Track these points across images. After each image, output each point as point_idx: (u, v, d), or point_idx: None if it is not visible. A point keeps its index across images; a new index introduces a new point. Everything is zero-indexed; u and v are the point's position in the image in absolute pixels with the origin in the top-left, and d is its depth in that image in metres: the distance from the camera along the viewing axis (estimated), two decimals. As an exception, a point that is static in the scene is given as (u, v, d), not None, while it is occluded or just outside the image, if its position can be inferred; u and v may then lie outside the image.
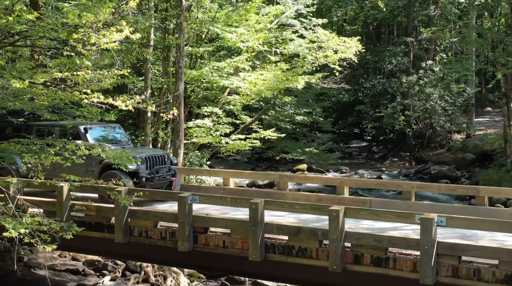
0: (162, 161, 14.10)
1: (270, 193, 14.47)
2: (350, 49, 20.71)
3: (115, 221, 11.71)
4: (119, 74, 9.28)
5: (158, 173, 13.69)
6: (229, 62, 19.37)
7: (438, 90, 32.15)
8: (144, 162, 13.50)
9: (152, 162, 13.77)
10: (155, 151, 14.71)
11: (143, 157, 13.45)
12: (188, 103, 21.44)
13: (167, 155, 14.44)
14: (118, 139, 14.82)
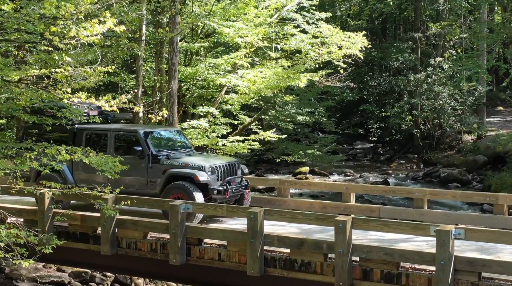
0: (234, 170, 12.62)
1: (270, 200, 14.11)
2: (355, 45, 20.33)
3: (101, 231, 11.31)
4: (103, 71, 8.67)
5: (230, 185, 12.26)
6: (226, 59, 18.97)
7: (447, 88, 31.84)
8: (215, 172, 12.09)
9: (224, 171, 12.32)
10: (225, 159, 13.22)
11: (213, 166, 12.12)
12: (183, 102, 21.11)
13: (238, 163, 12.95)
14: (180, 144, 13.52)
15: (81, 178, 12.91)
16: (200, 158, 12.63)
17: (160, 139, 13.25)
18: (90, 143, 12.82)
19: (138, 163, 12.24)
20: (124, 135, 13.08)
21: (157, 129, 13.65)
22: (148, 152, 12.32)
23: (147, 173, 12.21)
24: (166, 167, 12.10)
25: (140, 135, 12.52)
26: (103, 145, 12.89)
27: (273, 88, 19.71)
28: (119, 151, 12.59)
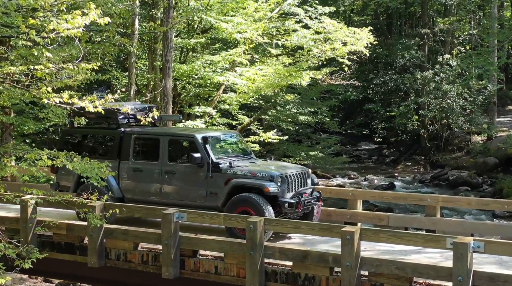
0: (305, 180, 11.42)
1: None
2: (360, 41, 19.82)
3: (88, 241, 10.93)
4: (89, 68, 8.15)
5: (302, 197, 11.04)
6: (224, 56, 18.57)
7: (456, 87, 31.59)
8: (285, 182, 10.86)
9: (295, 181, 11.11)
10: (295, 167, 11.95)
11: (284, 176, 10.89)
12: (178, 101, 20.83)
13: (308, 171, 11.72)
14: (240, 150, 12.43)
15: (129, 188, 11.94)
16: (267, 166, 11.47)
17: (219, 145, 12.19)
18: (139, 149, 12.04)
19: (196, 172, 11.20)
20: (179, 141, 12.12)
21: (216, 133, 12.55)
22: (207, 160, 11.14)
23: (207, 183, 11.10)
24: (228, 177, 10.94)
25: (198, 140, 11.34)
26: (154, 152, 11.90)
27: (274, 87, 19.32)
28: (173, 159, 11.70)
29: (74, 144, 12.89)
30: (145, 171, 11.75)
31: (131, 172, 11.86)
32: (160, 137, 11.82)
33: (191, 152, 11.30)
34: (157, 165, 11.67)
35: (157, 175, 11.61)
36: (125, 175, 11.97)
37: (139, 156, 12.02)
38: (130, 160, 11.94)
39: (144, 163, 11.88)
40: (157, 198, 11.55)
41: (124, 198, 11.93)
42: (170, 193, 11.44)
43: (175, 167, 11.51)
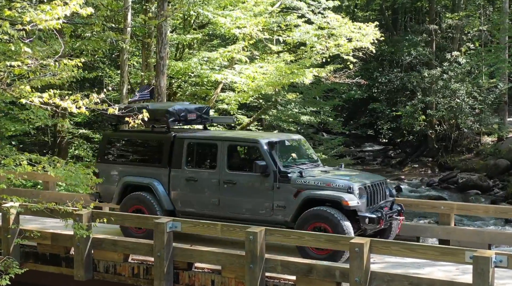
0: (383, 191, 10.51)
1: None
2: (366, 37, 19.24)
3: (75, 252, 10.55)
4: (72, 65, 7.63)
5: (383, 211, 10.15)
6: (222, 52, 18.05)
7: (465, 85, 31.31)
8: (365, 194, 9.96)
9: (374, 193, 10.21)
10: (371, 176, 10.95)
11: (363, 187, 10.00)
12: (174, 101, 20.02)
13: (386, 181, 10.81)
14: (307, 157, 11.50)
15: (182, 200, 11.09)
16: (341, 175, 10.59)
17: (286, 151, 11.14)
18: (193, 156, 11.16)
19: (260, 182, 10.33)
20: (240, 146, 11.32)
21: (281, 137, 11.56)
22: (274, 168, 10.24)
23: (273, 195, 10.21)
24: (299, 188, 10.07)
25: (262, 146, 10.42)
26: (211, 159, 11.14)
27: (275, 85, 18.85)
28: (233, 167, 10.76)
29: (117, 151, 12.09)
30: (200, 180, 10.89)
31: (184, 181, 11.00)
32: (218, 142, 10.90)
33: (255, 160, 10.33)
34: (214, 174, 10.79)
35: (214, 185, 10.74)
36: (176, 185, 11.10)
37: (193, 163, 11.13)
38: (182, 168, 11.07)
39: (199, 172, 10.99)
40: (214, 211, 10.71)
41: (175, 210, 11.09)
42: (230, 206, 10.57)
43: (236, 176, 10.60)
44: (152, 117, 10.91)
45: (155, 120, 11.26)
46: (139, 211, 11.09)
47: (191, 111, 11.88)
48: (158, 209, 11.04)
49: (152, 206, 11.08)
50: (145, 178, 11.30)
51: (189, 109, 11.87)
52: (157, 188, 11.10)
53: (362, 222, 9.77)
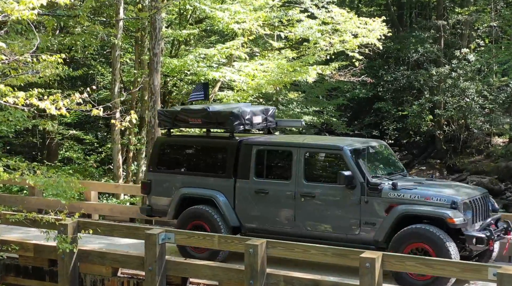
0: (487, 206, 9.66)
1: None
2: (373, 33, 18.99)
3: (59, 265, 10.07)
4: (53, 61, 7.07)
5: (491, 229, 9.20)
6: (220, 49, 17.60)
7: (475, 84, 30.81)
8: (469, 210, 9.07)
9: (479, 208, 9.32)
10: (471, 188, 10.15)
11: (467, 201, 9.12)
12: (169, 100, 20.04)
13: (488, 194, 9.92)
14: (393, 166, 10.64)
15: (250, 215, 10.22)
16: (439, 187, 9.68)
17: (371, 159, 10.08)
18: (264, 165, 10.26)
19: (345, 195, 9.48)
20: (320, 154, 10.27)
21: (365, 143, 10.46)
22: (361, 179, 9.37)
23: (360, 210, 9.34)
24: (391, 202, 9.14)
25: (347, 153, 9.55)
26: (285, 168, 10.24)
27: (276, 84, 18.51)
28: (312, 177, 9.91)
29: (172, 159, 11.30)
30: (272, 193, 10.01)
31: (252, 194, 10.15)
32: (293, 149, 9.97)
33: (339, 169, 9.48)
34: (289, 186, 9.90)
35: (289, 198, 9.85)
36: (243, 198, 10.24)
37: (263, 173, 10.25)
38: (251, 178, 10.20)
39: (270, 183, 10.12)
40: (288, 228, 9.84)
41: (241, 227, 10.27)
42: (307, 222, 9.72)
43: (315, 188, 9.73)
44: (214, 120, 10.40)
45: (217, 124, 10.51)
46: (199, 228, 10.26)
47: (256, 113, 10.93)
48: (222, 225, 10.19)
49: (214, 222, 10.20)
50: (206, 189, 10.46)
51: (255, 111, 10.91)
52: (221, 202, 10.26)
53: (468, 242, 8.82)
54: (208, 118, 10.50)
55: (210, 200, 10.38)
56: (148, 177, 11.11)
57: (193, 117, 10.67)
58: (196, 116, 10.63)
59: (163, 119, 10.96)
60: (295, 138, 11.17)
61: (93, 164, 18.49)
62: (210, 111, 10.44)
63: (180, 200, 10.62)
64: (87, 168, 18.52)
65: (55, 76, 9.11)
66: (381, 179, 9.61)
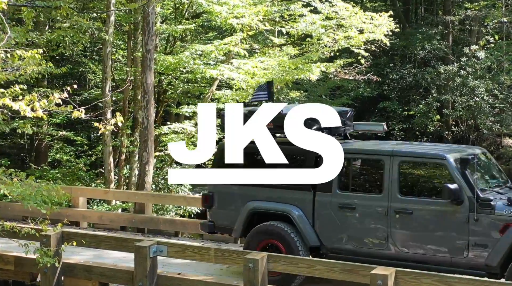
0: None
1: None
2: (379, 28, 18.62)
3: (42, 280, 9.60)
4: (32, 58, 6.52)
5: None
6: (217, 45, 17.12)
7: (485, 82, 30.34)
8: None
9: None
10: None
11: None
12: (164, 99, 19.51)
13: None
14: (497, 177, 9.68)
15: (332, 234, 9.31)
16: None
17: (478, 170, 9.05)
18: (348, 176, 9.46)
19: (450, 212, 8.60)
20: (418, 163, 9.30)
21: (468, 150, 9.51)
22: (469, 194, 8.49)
23: (469, 229, 8.41)
24: (508, 221, 8.25)
25: (451, 163, 8.68)
26: (375, 180, 9.45)
27: (277, 82, 18.03)
28: (409, 191, 9.05)
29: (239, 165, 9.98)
30: (359, 208, 9.11)
31: (335, 209, 9.26)
32: (385, 158, 9.07)
33: (442, 181, 8.68)
34: (380, 200, 9.00)
35: (380, 215, 8.95)
36: (325, 214, 9.36)
37: (348, 185, 9.44)
38: (333, 191, 9.31)
39: (357, 197, 9.23)
40: (380, 249, 8.94)
41: (322, 247, 9.37)
42: (403, 243, 8.80)
43: (412, 203, 8.82)
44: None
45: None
46: (273, 248, 9.36)
47: (342, 113, 10.06)
48: (300, 245, 9.27)
49: (291, 241, 9.27)
50: (279, 203, 9.57)
51: (340, 113, 9.90)
52: (298, 218, 9.34)
53: None
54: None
55: (285, 216, 9.47)
56: (210, 189, 10.26)
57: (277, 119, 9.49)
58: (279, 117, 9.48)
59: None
60: (384, 144, 10.12)
61: (82, 168, 17.96)
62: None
63: (248, 216, 9.75)
64: (76, 171, 18.00)
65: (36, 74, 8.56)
66: (491, 193, 8.77)
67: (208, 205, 10.29)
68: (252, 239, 9.53)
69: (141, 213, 13.45)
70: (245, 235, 9.78)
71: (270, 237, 9.43)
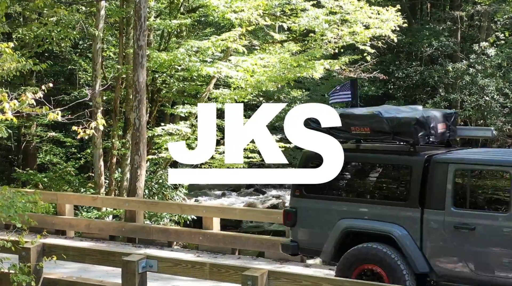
0: None
1: (276, 243, 11.54)
2: (386, 23, 18.15)
3: None
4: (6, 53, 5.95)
5: None
6: (215, 41, 16.69)
7: (495, 80, 29.94)
8: None
9: None
10: None
11: None
12: (158, 99, 19.12)
13: None
14: None
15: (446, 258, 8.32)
16: None
17: None
18: (466, 190, 8.39)
19: None
20: None
21: None
22: None
23: None
24: None
25: None
26: (500, 196, 8.48)
27: (278, 81, 17.73)
28: None
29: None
30: (481, 229, 8.08)
31: (449, 230, 8.21)
32: (510, 169, 8.11)
33: None
34: (507, 220, 8.00)
35: (508, 237, 7.94)
36: (436, 236, 8.32)
37: (466, 202, 8.36)
38: (447, 209, 8.27)
39: (478, 216, 8.15)
40: (508, 277, 7.89)
41: (431, 273, 8.34)
42: None
43: None
44: (389, 129, 8.52)
45: (393, 134, 8.57)
46: (374, 275, 8.40)
47: (439, 119, 9.04)
48: (405, 271, 8.26)
49: (395, 267, 8.25)
50: (379, 222, 8.55)
51: (438, 117, 9.05)
52: (402, 239, 8.29)
53: None
54: (381, 127, 8.57)
55: (386, 237, 8.44)
56: (293, 204, 9.30)
57: (358, 124, 8.78)
58: (363, 123, 8.74)
59: (315, 127, 8.87)
60: (507, 153, 9.12)
61: (70, 171, 17.41)
62: (384, 117, 8.53)
63: (342, 236, 8.75)
64: (64, 175, 17.45)
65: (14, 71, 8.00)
66: None
67: (291, 223, 9.30)
68: (347, 264, 8.52)
69: (132, 221, 12.94)
70: (337, 259, 8.75)
71: (370, 262, 8.41)
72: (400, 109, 9.38)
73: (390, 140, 8.75)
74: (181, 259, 8.49)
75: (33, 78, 20.56)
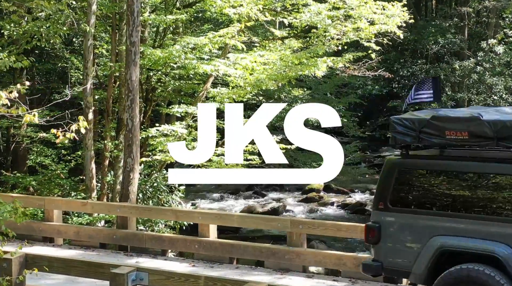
0: None
1: (276, 252, 11.40)
2: (392, 19, 17.88)
3: None
4: None
5: None
6: (212, 37, 16.43)
7: (503, 79, 30.27)
8: None
9: None
10: None
11: None
12: (152, 98, 18.80)
13: None
14: None
15: None
16: None
17: None
18: None
19: None
20: None
21: None
22: None
23: None
24: None
25: None
26: None
27: (279, 79, 17.46)
28: None
29: (418, 191, 8.69)
30: None
31: None
32: None
33: None
34: None
35: None
36: None
37: None
38: None
39: None
40: None
41: None
42: None
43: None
44: (491, 134, 7.82)
45: (496, 139, 7.84)
46: None
47: None
48: None
49: None
50: (481, 240, 7.80)
51: None
52: (510, 260, 7.54)
53: None
54: (481, 131, 7.87)
55: (490, 257, 7.72)
56: (375, 219, 8.58)
57: (455, 128, 8.07)
58: (461, 127, 8.01)
59: (401, 131, 8.35)
60: None
61: (60, 174, 17.03)
62: (485, 121, 7.85)
63: (436, 256, 8.04)
64: (54, 179, 17.08)
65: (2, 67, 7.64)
66: None
67: (374, 240, 8.57)
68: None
69: (124, 228, 12.59)
70: (431, 282, 8.09)
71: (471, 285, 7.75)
72: (502, 110, 8.67)
73: (493, 146, 7.98)
74: (174, 272, 8.07)
75: (23, 76, 20.20)
